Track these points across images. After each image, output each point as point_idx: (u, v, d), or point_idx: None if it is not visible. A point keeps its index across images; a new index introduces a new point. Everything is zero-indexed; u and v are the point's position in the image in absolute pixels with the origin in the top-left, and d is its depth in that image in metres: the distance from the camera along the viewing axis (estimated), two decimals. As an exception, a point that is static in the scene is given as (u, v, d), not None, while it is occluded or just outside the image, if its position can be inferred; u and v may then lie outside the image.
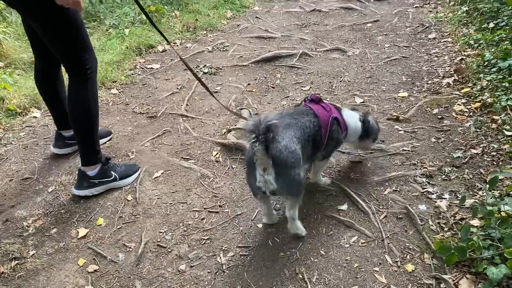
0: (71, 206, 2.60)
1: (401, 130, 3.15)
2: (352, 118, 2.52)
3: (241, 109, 3.65)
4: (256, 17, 5.91)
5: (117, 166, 2.76)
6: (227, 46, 5.01)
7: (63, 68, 2.60)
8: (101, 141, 3.14)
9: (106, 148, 3.16)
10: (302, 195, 2.18)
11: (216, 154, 3.04)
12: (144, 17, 5.19)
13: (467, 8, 5.18)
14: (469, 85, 3.63)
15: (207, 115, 3.62)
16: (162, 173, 2.86)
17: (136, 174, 2.80)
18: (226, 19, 5.82)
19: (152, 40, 4.96)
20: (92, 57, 2.48)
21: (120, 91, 4.07)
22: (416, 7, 5.82)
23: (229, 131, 3.31)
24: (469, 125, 3.08)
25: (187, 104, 3.79)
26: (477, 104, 3.28)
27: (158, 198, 2.63)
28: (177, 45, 5.06)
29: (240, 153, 3.01)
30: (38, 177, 2.87)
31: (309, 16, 5.82)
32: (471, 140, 2.91)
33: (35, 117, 3.60)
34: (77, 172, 2.67)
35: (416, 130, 3.13)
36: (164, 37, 2.79)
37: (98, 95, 3.89)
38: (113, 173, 2.69)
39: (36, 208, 2.59)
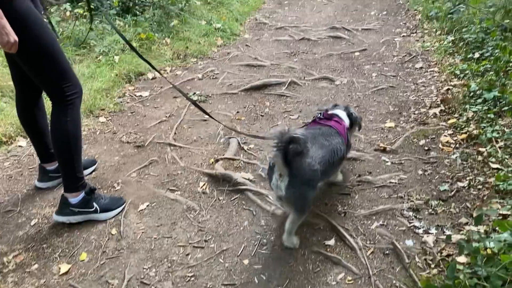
0: (54, 240, 2.54)
1: (388, 162, 3.16)
2: (344, 116, 2.76)
3: (230, 138, 3.64)
4: (246, 45, 5.98)
5: (101, 198, 2.72)
6: (217, 73, 5.05)
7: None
8: (86, 171, 3.11)
9: (92, 179, 3.12)
10: (305, 215, 2.32)
11: (203, 185, 3.02)
12: (134, 44, 5.22)
13: (453, 38, 5.29)
14: (456, 115, 3.67)
15: (195, 144, 3.61)
16: (147, 206, 2.82)
17: (119, 209, 2.75)
18: (217, 46, 5.88)
19: (142, 67, 4.98)
20: (74, 84, 2.46)
21: (108, 119, 4.05)
22: (403, 36, 5.92)
23: (217, 161, 3.29)
24: (456, 157, 3.10)
25: (175, 133, 3.78)
26: (463, 136, 3.31)
27: (142, 232, 2.58)
28: (167, 73, 5.08)
29: (227, 184, 2.99)
30: (21, 209, 2.82)
31: (298, 44, 5.90)
32: (458, 173, 2.93)
33: (21, 146, 3.56)
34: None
35: (403, 161, 3.14)
36: (153, 67, 2.80)
37: (86, 123, 3.94)
38: (95, 204, 2.65)
39: (18, 242, 2.53)
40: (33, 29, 2.21)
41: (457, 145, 3.25)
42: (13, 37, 2.07)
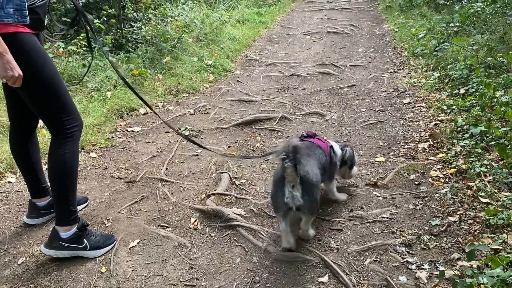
0: (42, 279, 2.48)
1: (379, 197, 3.18)
2: (337, 147, 3.08)
3: (221, 173, 3.64)
4: (237, 80, 6.08)
5: (92, 234, 2.68)
6: (209, 108, 5.10)
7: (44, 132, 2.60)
8: (78, 208, 3.07)
9: (82, 216, 3.07)
10: (316, 213, 2.68)
11: (195, 221, 2.99)
12: (128, 80, 5.28)
13: (438, 74, 5.44)
14: (444, 150, 3.73)
15: (187, 179, 3.60)
16: (138, 243, 2.78)
17: (109, 247, 2.70)
18: (208, 82, 5.97)
19: (134, 102, 5.02)
20: (75, 118, 2.49)
21: (99, 154, 4.04)
22: (390, 72, 6.08)
23: (209, 196, 3.28)
24: (446, 191, 3.13)
25: (166, 168, 3.78)
26: (452, 170, 3.35)
27: (133, 270, 2.53)
28: (159, 108, 5.13)
29: (219, 220, 2.97)
30: (8, 247, 2.76)
31: (288, 80, 6.02)
32: (448, 207, 2.95)
33: (10, 182, 3.53)
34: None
35: (394, 196, 3.16)
36: (146, 104, 2.84)
37: (77, 159, 3.92)
38: (85, 241, 2.61)
39: (4, 282, 2.46)
40: (36, 63, 2.27)
41: (447, 180, 3.29)
42: (18, 71, 2.12)
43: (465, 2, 7.44)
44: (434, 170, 3.45)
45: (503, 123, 3.82)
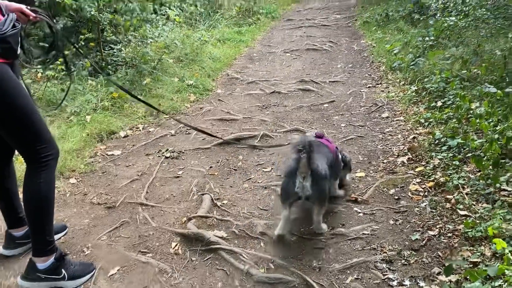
0: (17, 313, 2.42)
1: (360, 213, 3.19)
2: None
3: (203, 194, 3.62)
4: (219, 99, 6.10)
5: (71, 264, 2.61)
6: (190, 129, 5.09)
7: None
8: (56, 236, 3.01)
9: (61, 244, 3.01)
10: (326, 205, 2.88)
11: (176, 245, 2.96)
12: (106, 103, 5.26)
13: (416, 88, 5.54)
14: (423, 163, 3.78)
15: (168, 202, 3.57)
16: (118, 270, 2.73)
17: (88, 276, 2.64)
18: (190, 102, 5.97)
19: (114, 126, 4.99)
20: (50, 146, 2.46)
21: (79, 180, 3.99)
22: (369, 87, 6.17)
23: (190, 219, 3.26)
24: (425, 205, 3.16)
25: (147, 192, 3.74)
26: (431, 184, 3.39)
27: (112, 299, 2.49)
28: (140, 130, 5.10)
29: (200, 244, 2.94)
30: (-17, 281, 2.69)
31: (269, 97, 6.06)
32: (428, 221, 2.97)
33: (-14, 212, 3.45)
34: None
35: (374, 211, 3.18)
36: (155, 108, 2.86)
37: (56, 185, 3.84)
38: (63, 271, 2.54)
39: (-23, 318, 2.39)
40: (8, 92, 2.23)
41: (426, 193, 3.33)
42: None
43: (438, 17, 7.63)
44: (413, 184, 3.49)
45: (478, 134, 3.89)
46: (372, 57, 7.61)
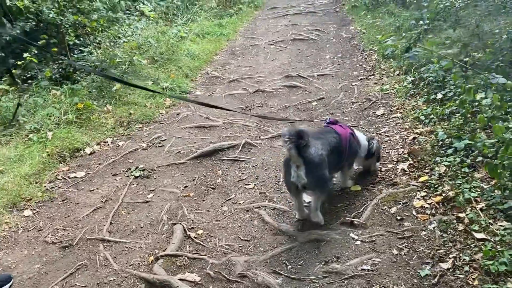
0: None
1: (357, 240, 2.70)
2: (362, 137, 3.25)
3: (174, 224, 3.12)
4: (185, 97, 5.55)
5: None
6: (164, 140, 4.57)
7: None
8: None
9: (1, 302, 2.53)
10: (326, 192, 2.85)
11: (139, 296, 2.47)
12: (70, 116, 4.72)
13: (412, 78, 5.02)
14: (426, 171, 3.28)
15: (134, 235, 3.07)
16: (65, 337, 2.24)
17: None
18: (165, 108, 5.43)
19: (79, 142, 4.45)
20: None
21: (34, 212, 3.48)
22: (360, 79, 5.64)
23: (157, 259, 2.76)
24: (433, 227, 2.66)
25: (111, 223, 3.24)
26: (438, 198, 2.89)
27: None
28: (108, 145, 4.57)
29: (167, 293, 2.45)
30: None
31: (253, 97, 5.52)
32: (438, 249, 2.48)
33: None
34: None
35: (374, 238, 2.68)
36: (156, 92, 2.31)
37: (7, 220, 3.36)
38: None
39: None
40: None
41: (433, 211, 2.83)
42: None
43: (432, -3, 7.07)
44: (418, 198, 2.99)
45: (488, 133, 3.39)
46: (362, 44, 7.06)
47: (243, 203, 3.33)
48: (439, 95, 4.37)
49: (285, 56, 7.14)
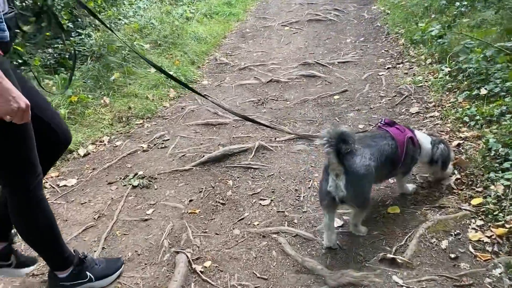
0: None
1: (402, 286, 2.17)
2: (425, 139, 2.75)
3: (177, 252, 2.62)
4: (205, 94, 5.00)
5: (95, 263, 2.36)
6: (167, 140, 4.04)
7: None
8: (27, 269, 2.46)
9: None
10: (367, 209, 2.45)
11: None
12: (63, 111, 4.18)
13: (449, 69, 4.40)
14: (479, 189, 2.73)
15: (129, 265, 2.58)
16: None
17: (118, 273, 2.44)
18: (169, 100, 4.89)
19: (71, 142, 3.92)
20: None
21: (15, 233, 2.99)
22: (388, 68, 5.02)
23: (156, 303, 2.27)
24: (499, 273, 2.12)
25: (103, 247, 2.75)
26: (501, 231, 2.35)
27: None
28: (105, 144, 4.05)
29: None
30: None
31: (266, 89, 4.95)
32: (510, 307, 1.95)
33: None
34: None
35: (424, 285, 2.15)
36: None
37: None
38: (88, 273, 2.30)
39: None
40: None
41: (495, 247, 2.29)
42: (24, 101, 1.60)
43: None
44: (473, 228, 2.44)
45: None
46: (387, 27, 6.39)
47: (258, 224, 2.82)
48: (483, 91, 3.77)
49: (300, 40, 6.51)
